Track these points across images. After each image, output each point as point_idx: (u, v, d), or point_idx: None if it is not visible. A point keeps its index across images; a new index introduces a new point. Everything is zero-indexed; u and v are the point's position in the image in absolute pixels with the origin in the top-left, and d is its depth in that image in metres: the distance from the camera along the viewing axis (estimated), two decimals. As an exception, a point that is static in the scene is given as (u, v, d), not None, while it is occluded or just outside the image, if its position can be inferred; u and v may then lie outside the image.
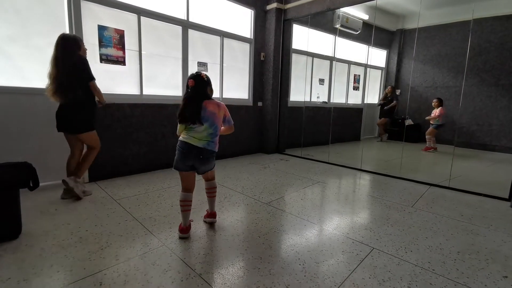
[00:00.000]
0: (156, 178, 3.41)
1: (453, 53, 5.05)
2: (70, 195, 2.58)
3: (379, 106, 5.85)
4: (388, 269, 1.68)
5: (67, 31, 2.89)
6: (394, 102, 5.63)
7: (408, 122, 5.33)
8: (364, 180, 3.70)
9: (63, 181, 2.54)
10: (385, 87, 6.07)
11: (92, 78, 2.46)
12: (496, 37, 4.62)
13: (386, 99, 5.71)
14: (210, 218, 2.22)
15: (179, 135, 1.95)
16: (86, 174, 3.11)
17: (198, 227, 2.15)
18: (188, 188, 2.00)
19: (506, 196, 2.95)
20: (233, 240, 1.97)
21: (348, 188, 3.43)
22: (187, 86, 1.91)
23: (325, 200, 2.91)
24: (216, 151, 2.02)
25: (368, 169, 4.12)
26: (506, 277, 1.64)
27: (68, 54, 2.36)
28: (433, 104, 5.23)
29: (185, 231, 1.98)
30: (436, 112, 5.21)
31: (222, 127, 2.08)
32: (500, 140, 4.63)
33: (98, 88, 2.54)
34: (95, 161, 3.14)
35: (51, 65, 2.35)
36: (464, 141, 4.67)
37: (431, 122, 5.32)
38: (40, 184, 2.04)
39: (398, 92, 5.81)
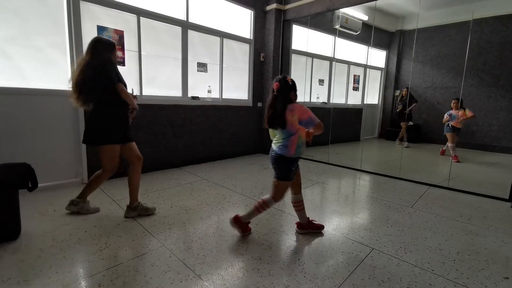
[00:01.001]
0: (156, 179, 3.40)
1: (452, 54, 5.04)
2: (76, 209, 2.33)
3: (399, 111, 5.41)
4: (387, 270, 1.68)
5: (66, 32, 2.89)
6: (415, 104, 5.29)
7: (409, 123, 5.32)
8: (364, 181, 3.70)
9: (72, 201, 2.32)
10: (385, 87, 6.06)
11: (114, 81, 2.06)
12: (496, 37, 4.62)
13: (403, 102, 5.34)
14: (299, 228, 2.17)
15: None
16: (85, 175, 3.10)
17: (198, 228, 2.15)
18: (290, 190, 2.08)
19: (506, 196, 2.95)
20: (232, 241, 1.97)
21: (348, 188, 3.42)
22: (272, 90, 1.89)
23: (324, 200, 2.90)
24: (286, 155, 1.88)
25: (368, 169, 4.12)
26: (507, 278, 1.64)
27: (94, 56, 2.09)
28: (452, 104, 4.59)
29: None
30: (460, 113, 4.49)
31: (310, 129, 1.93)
32: (500, 141, 4.63)
33: (126, 92, 2.13)
34: (94, 163, 3.15)
35: (76, 67, 2.11)
36: (463, 141, 4.66)
37: (452, 125, 4.60)
38: (39, 185, 2.04)
39: (397, 92, 5.76)
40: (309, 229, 2.14)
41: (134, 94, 2.32)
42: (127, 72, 3.38)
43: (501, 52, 4.63)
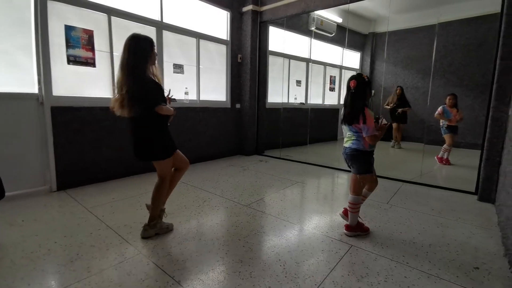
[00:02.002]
0: (132, 183, 3.29)
1: (421, 56, 5.29)
2: (155, 231, 2.06)
3: (391, 110, 5.34)
4: (365, 265, 1.72)
5: (33, 32, 2.73)
6: (408, 107, 5.20)
7: (383, 121, 5.49)
8: (342, 179, 3.78)
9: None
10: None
11: (155, 104, 1.86)
12: (461, 39, 4.91)
13: (395, 102, 5.24)
14: (345, 230, 2.14)
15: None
16: (53, 183, 2.94)
17: (177, 233, 2.09)
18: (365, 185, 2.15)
19: (473, 190, 3.12)
20: (213, 244, 1.94)
21: (327, 187, 3.49)
22: (348, 88, 1.94)
23: (304, 200, 2.94)
24: (361, 149, 1.98)
25: (346, 168, 4.21)
26: (478, 268, 1.73)
27: (139, 58, 1.85)
28: (447, 100, 4.41)
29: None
30: (455, 112, 4.38)
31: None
32: (465, 137, 4.91)
33: (166, 109, 1.92)
34: (64, 168, 2.99)
35: (119, 71, 1.85)
36: (433, 138, 4.89)
37: (447, 125, 4.46)
38: (6, 194, 1.90)
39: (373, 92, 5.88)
40: (359, 231, 2.12)
41: (171, 95, 2.14)
42: (98, 74, 3.24)
43: (465, 54, 4.93)
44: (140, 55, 1.85)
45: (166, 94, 2.04)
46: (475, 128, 4.75)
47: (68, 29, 2.95)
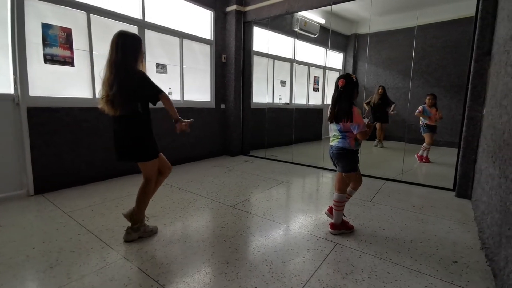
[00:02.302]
0: (114, 186, 3.20)
1: (401, 57, 5.45)
2: (138, 235, 2.00)
3: (373, 110, 5.32)
4: (350, 263, 1.75)
5: (9, 30, 2.61)
6: (393, 105, 5.20)
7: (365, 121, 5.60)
8: (326, 178, 3.84)
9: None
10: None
11: (160, 91, 1.86)
12: (438, 41, 5.10)
13: (377, 101, 5.23)
14: (330, 228, 2.16)
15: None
16: (31, 186, 2.82)
17: (161, 236, 2.05)
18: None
19: (451, 186, 3.24)
20: (198, 246, 1.91)
21: (312, 187, 3.52)
22: (337, 87, 1.97)
23: (290, 199, 2.95)
24: (348, 147, 2.02)
25: (330, 167, 4.27)
26: (456, 262, 1.79)
27: (128, 55, 1.79)
28: (426, 100, 4.57)
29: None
30: (434, 112, 4.50)
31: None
32: (443, 136, 5.10)
33: (170, 101, 1.92)
34: (42, 171, 2.87)
35: (106, 69, 1.79)
36: (413, 137, 5.05)
37: (427, 124, 4.59)
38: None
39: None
40: (343, 229, 2.15)
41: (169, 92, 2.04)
42: (77, 73, 3.14)
43: (441, 56, 5.12)
44: (129, 53, 1.81)
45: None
46: (452, 127, 4.95)
47: (45, 27, 2.83)
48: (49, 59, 2.88)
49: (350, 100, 1.97)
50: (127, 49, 1.80)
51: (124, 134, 1.87)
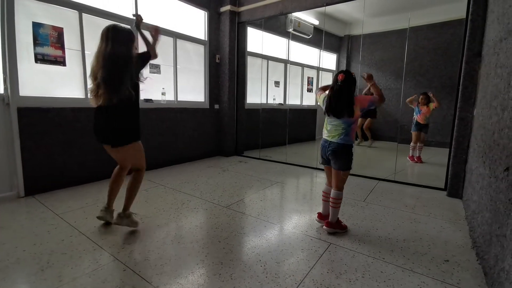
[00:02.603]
0: (106, 187, 3.13)
1: (394, 58, 5.52)
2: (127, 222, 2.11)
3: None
4: (344, 262, 1.76)
5: (-2, 28, 2.56)
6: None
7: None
8: (320, 178, 3.86)
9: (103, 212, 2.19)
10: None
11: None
12: (429, 43, 5.18)
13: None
14: (326, 226, 2.16)
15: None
16: (21, 188, 2.77)
17: (155, 237, 2.04)
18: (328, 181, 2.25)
19: (442, 186, 3.29)
20: (192, 247, 1.91)
21: (306, 187, 3.54)
22: (336, 81, 1.97)
23: (284, 200, 2.96)
24: (349, 143, 2.05)
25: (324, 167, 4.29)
26: (447, 260, 1.82)
27: (119, 47, 1.83)
28: (419, 99, 4.65)
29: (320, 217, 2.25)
30: (424, 109, 4.60)
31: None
32: (435, 136, 5.17)
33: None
34: (32, 172, 2.83)
35: (95, 60, 1.84)
36: (405, 138, 5.10)
37: (416, 121, 4.66)
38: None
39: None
40: (338, 229, 2.15)
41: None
42: (69, 73, 3.10)
43: (433, 57, 5.20)
44: (120, 44, 1.83)
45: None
46: (444, 127, 5.02)
47: (36, 26, 2.79)
48: (40, 58, 2.83)
49: (350, 94, 1.99)
50: (119, 41, 1.83)
51: (113, 121, 1.93)
